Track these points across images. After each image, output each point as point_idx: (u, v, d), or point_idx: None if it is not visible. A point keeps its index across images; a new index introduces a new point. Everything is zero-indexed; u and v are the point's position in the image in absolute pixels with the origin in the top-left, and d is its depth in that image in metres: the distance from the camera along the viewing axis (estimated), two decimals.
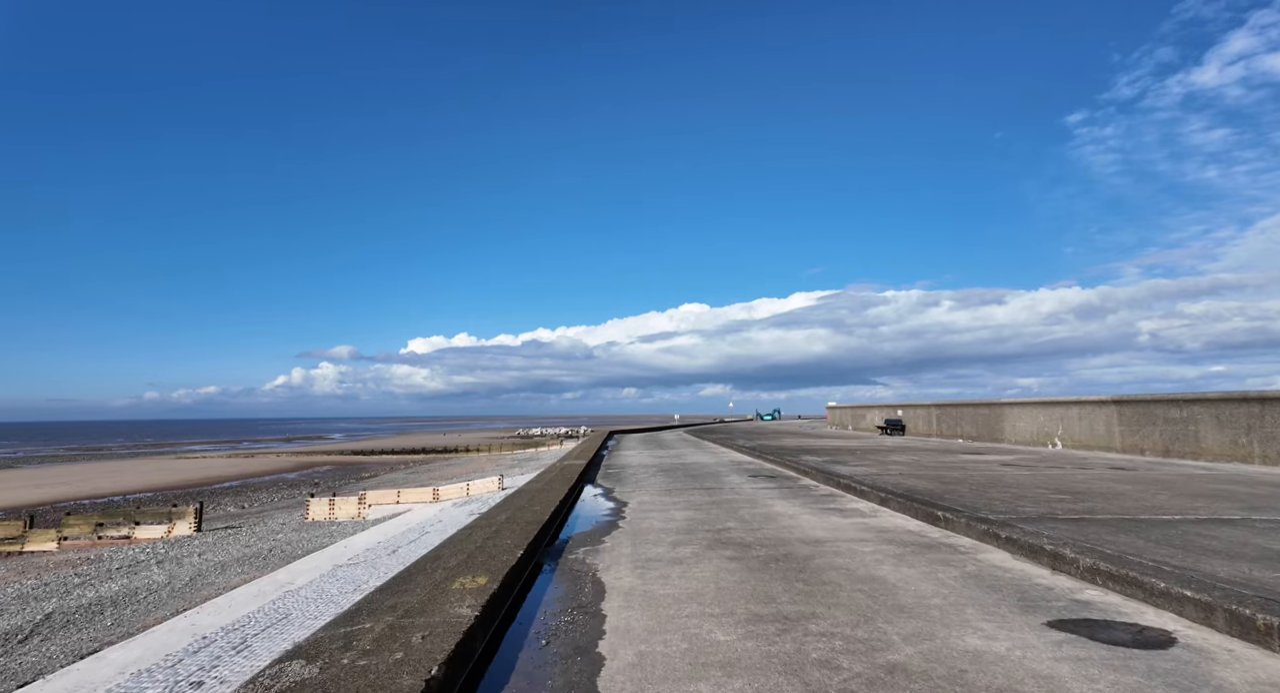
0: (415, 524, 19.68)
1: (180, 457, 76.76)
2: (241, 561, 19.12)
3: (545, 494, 7.98)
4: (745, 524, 6.74)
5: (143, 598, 15.12)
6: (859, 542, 5.79)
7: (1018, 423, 18.66)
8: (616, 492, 9.71)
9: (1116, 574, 4.07)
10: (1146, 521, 5.85)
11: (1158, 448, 13.23)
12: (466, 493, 24.88)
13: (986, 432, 20.41)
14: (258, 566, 17.99)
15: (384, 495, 26.84)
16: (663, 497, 9.01)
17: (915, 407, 26.74)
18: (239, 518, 30.51)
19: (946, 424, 23.53)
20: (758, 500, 8.56)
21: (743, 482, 10.88)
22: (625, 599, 4.11)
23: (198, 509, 26.81)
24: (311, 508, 27.02)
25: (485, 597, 3.51)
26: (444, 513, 20.82)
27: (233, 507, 36.75)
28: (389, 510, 25.37)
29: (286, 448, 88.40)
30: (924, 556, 5.21)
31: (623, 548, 5.69)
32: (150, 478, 54.60)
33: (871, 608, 3.83)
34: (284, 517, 28.77)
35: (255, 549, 20.97)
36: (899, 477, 10.04)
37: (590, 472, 13.02)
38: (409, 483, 39.14)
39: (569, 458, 14.47)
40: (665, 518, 7.22)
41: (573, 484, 9.49)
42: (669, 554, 5.38)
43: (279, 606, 11.60)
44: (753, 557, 5.22)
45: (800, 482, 10.82)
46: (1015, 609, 3.78)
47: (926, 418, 25.33)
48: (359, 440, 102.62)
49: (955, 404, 23.07)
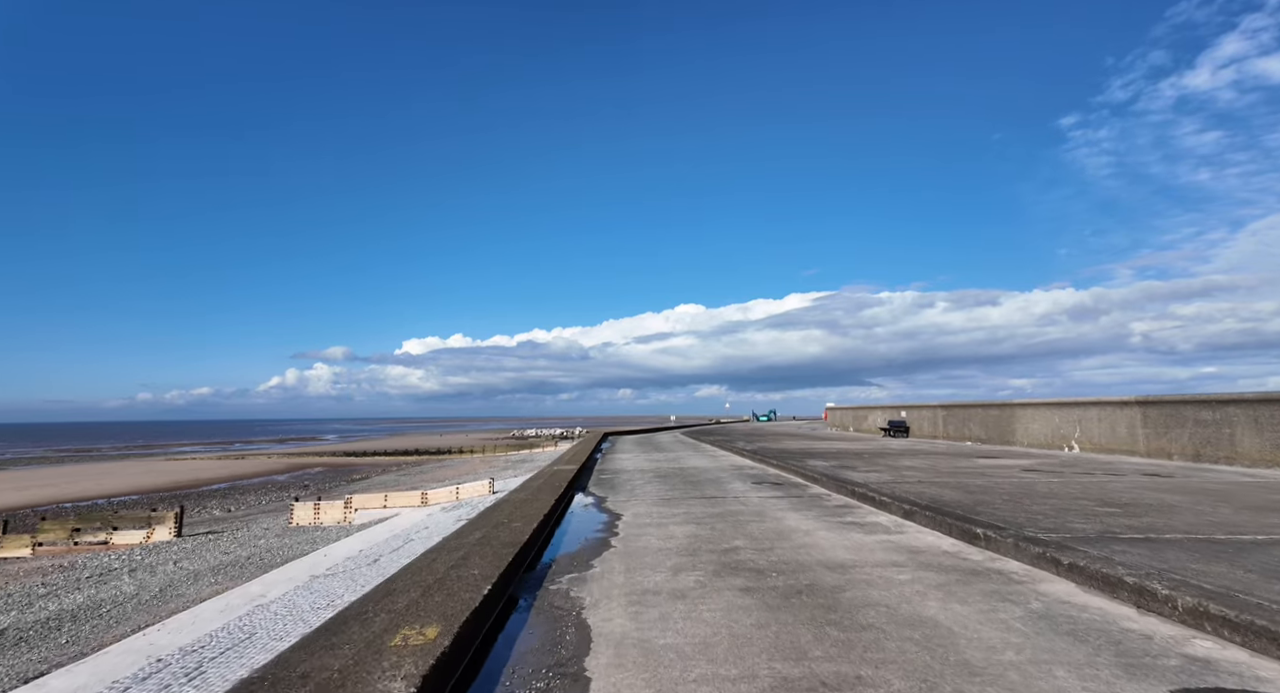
0: (400, 531, 18.79)
1: (170, 458, 75.71)
2: (217, 569, 18.20)
3: (529, 506, 7.10)
4: (756, 543, 5.88)
5: (106, 612, 14.19)
6: (892, 566, 4.94)
7: (1030, 425, 17.84)
8: (610, 502, 8.83)
9: (1236, 621, 3.22)
10: (1227, 542, 5.01)
11: (1187, 452, 12.41)
12: (456, 497, 24.00)
13: (996, 434, 19.59)
14: (233, 575, 17.08)
15: (371, 499, 25.96)
16: (660, 508, 8.14)
17: (920, 408, 25.90)
18: (223, 522, 29.58)
19: (954, 426, 22.70)
20: (766, 513, 7.70)
21: (747, 490, 10.01)
22: (616, 653, 3.24)
23: (178, 514, 25.87)
24: (296, 512, 26.12)
25: (430, 660, 2.65)
26: (431, 518, 19.94)
27: (218, 510, 35.83)
28: (376, 515, 24.48)
29: (279, 449, 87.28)
30: (973, 586, 4.36)
31: (614, 575, 4.83)
32: (138, 480, 53.59)
33: (932, 668, 2.98)
34: (269, 521, 27.86)
35: (234, 557, 20.05)
36: (918, 485, 9.20)
37: (582, 478, 12.14)
38: (399, 485, 38.23)
39: (559, 463, 13.59)
40: (664, 534, 6.36)
41: (561, 493, 8.61)
42: (669, 584, 4.51)
43: (245, 623, 10.70)
44: (770, 588, 4.36)
45: (810, 490, 9.96)
46: (1119, 672, 2.93)
47: (932, 419, 24.49)
48: (352, 442, 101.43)
49: (963, 405, 22.23)
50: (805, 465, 12.39)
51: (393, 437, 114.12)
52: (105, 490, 46.62)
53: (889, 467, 12.13)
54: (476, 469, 42.72)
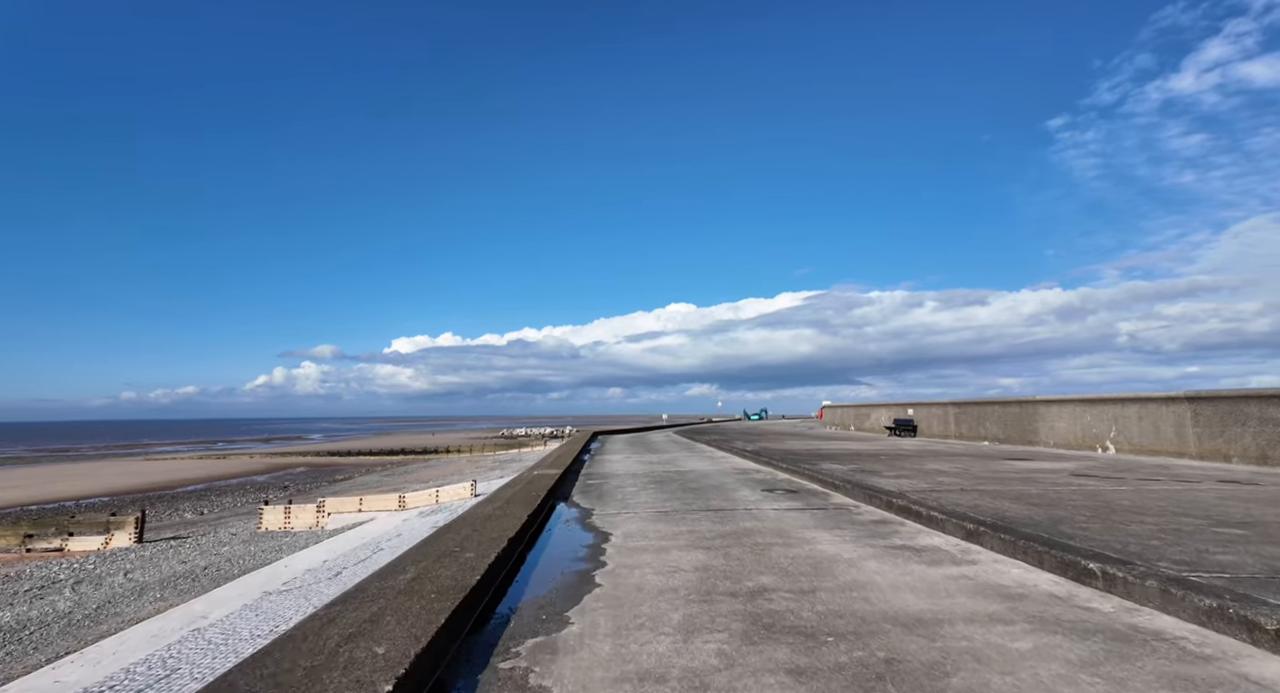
0: (371, 538, 17.20)
1: (149, 458, 73.75)
2: (168, 581, 16.57)
3: (492, 526, 5.56)
4: (789, 580, 4.38)
5: (28, 636, 12.56)
6: (994, 624, 3.44)
7: (1056, 423, 16.43)
8: (596, 516, 7.30)
9: None
10: None
11: (1250, 454, 11.01)
12: (436, 500, 22.44)
13: (1016, 433, 18.19)
14: (183, 589, 15.47)
15: (345, 503, 24.36)
16: (658, 524, 6.63)
17: (928, 405, 24.51)
18: (192, 526, 27.92)
19: (967, 424, 21.30)
20: (789, 531, 6.20)
21: (759, 499, 8.50)
22: None
23: (138, 518, 24.17)
24: (265, 517, 24.52)
25: None
26: (406, 524, 18.38)
27: (190, 513, 34.18)
28: (350, 519, 22.89)
29: (263, 449, 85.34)
30: (1138, 666, 2.88)
31: (598, 641, 3.31)
32: (112, 481, 51.70)
33: None
34: (239, 525, 26.22)
35: (191, 566, 18.43)
36: (961, 493, 7.73)
37: (565, 484, 10.59)
38: (381, 487, 36.60)
39: (541, 467, 12.02)
40: (665, 565, 4.85)
41: (538, 505, 7.07)
42: (680, 660, 3.00)
43: (172, 654, 9.12)
44: (833, 670, 2.85)
45: (832, 499, 8.47)
46: None
47: (942, 418, 23.08)
48: (338, 441, 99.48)
49: (978, 402, 20.83)
50: (820, 469, 10.91)
51: (380, 436, 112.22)
52: (78, 492, 44.82)
53: (916, 471, 10.67)
54: (462, 470, 41.14)
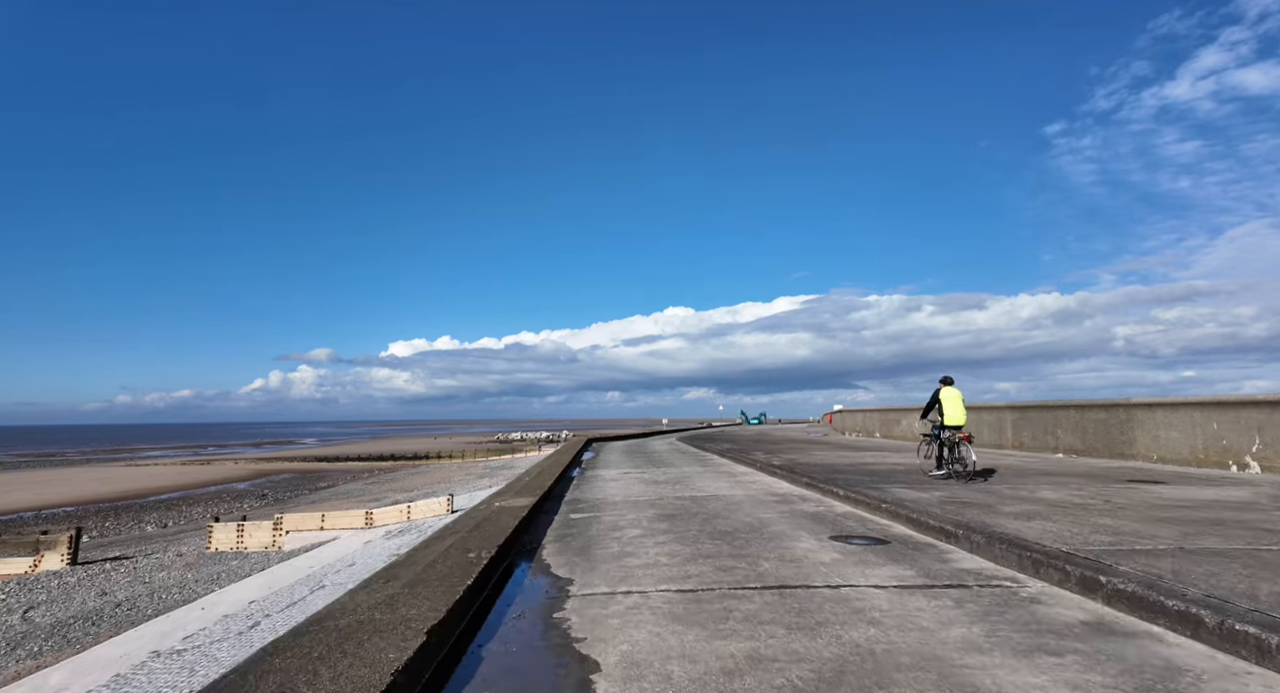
0: (320, 568, 14.00)
1: (131, 464, 70.68)
2: (60, 627, 13.39)
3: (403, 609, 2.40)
4: None
5: None
6: None
7: (1162, 432, 13.20)
8: (575, 600, 4.13)
9: None
10: None
11: None
12: (407, 517, 19.28)
13: (1102, 443, 14.96)
14: (74, 638, 12.35)
15: (307, 520, 21.17)
16: (686, 630, 3.48)
17: (976, 409, 21.12)
18: (145, 542, 24.80)
19: (1030, 432, 18.06)
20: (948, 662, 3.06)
21: (838, 561, 5.29)
22: None
23: (72, 537, 20.95)
24: (215, 535, 21.39)
25: None
26: (368, 548, 15.20)
27: (153, 525, 31.00)
28: (311, 539, 19.77)
29: (252, 453, 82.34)
30: None
31: None
32: (84, 489, 48.55)
33: None
34: (195, 542, 23.10)
35: (107, 601, 15.30)
36: (1187, 558, 4.60)
37: (536, 525, 7.32)
38: (361, 497, 33.48)
39: (508, 495, 8.61)
40: None
41: (474, 580, 3.89)
42: None
43: None
44: None
45: (954, 560, 5.27)
46: None
47: (996, 424, 19.76)
48: (331, 445, 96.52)
49: (1044, 406, 17.55)
50: (895, 499, 7.75)
51: (374, 440, 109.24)
52: (42, 501, 41.68)
53: (1033, 501, 7.49)
54: (450, 477, 37.97)
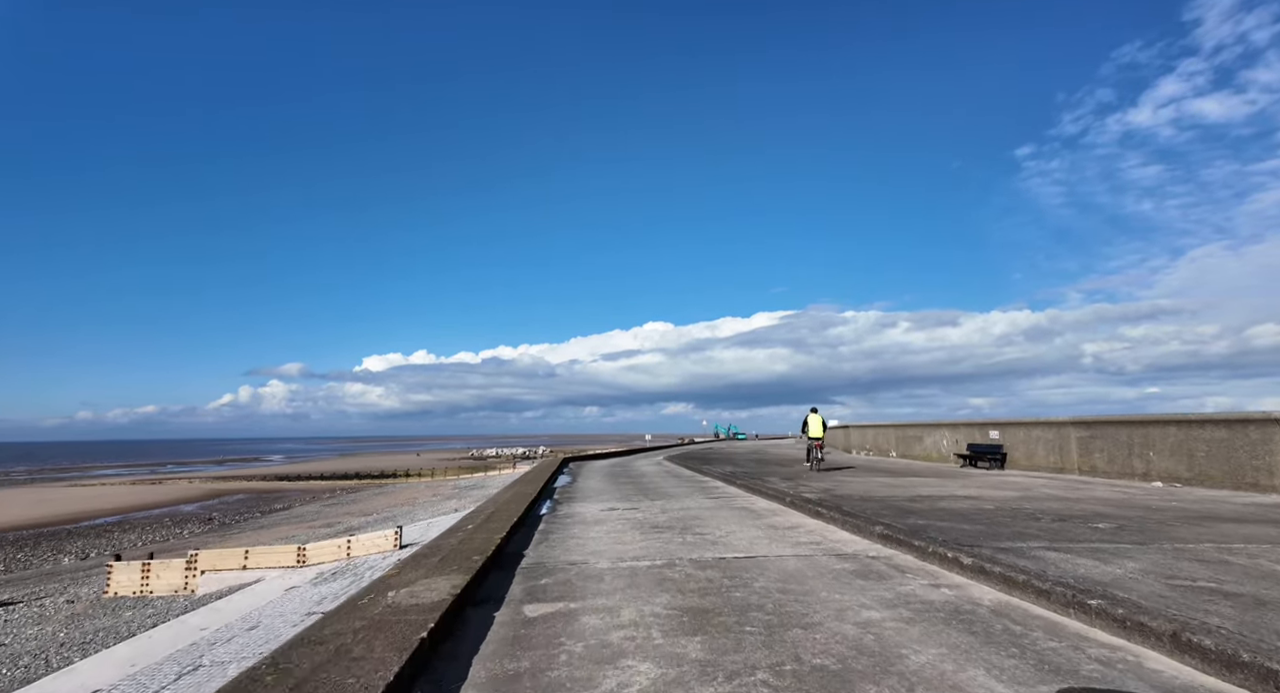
0: (209, 634, 10.65)
1: (76, 484, 65.74)
2: None
3: None
4: None
5: None
6: None
7: None
8: None
9: None
10: None
11: None
12: (346, 554, 16.04)
13: (1223, 470, 11.51)
14: None
15: (227, 557, 17.78)
16: None
17: (1027, 425, 17.46)
18: (48, 580, 21.15)
19: (1104, 453, 14.52)
20: None
21: None
22: None
23: None
24: (115, 577, 17.97)
25: None
26: (287, 597, 11.95)
27: (72, 557, 27.19)
28: (230, 580, 16.46)
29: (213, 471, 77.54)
30: None
31: None
32: (17, 513, 44.12)
33: None
34: (101, 581, 19.52)
35: None
36: None
37: (460, 636, 4.28)
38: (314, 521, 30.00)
39: (420, 569, 5.51)
40: None
41: None
42: None
43: None
44: None
45: None
46: None
47: (1056, 443, 16.16)
48: (298, 462, 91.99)
49: (1127, 421, 14.07)
50: (1076, 577, 4.82)
51: (343, 457, 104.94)
52: None
53: None
54: (416, 498, 34.55)
